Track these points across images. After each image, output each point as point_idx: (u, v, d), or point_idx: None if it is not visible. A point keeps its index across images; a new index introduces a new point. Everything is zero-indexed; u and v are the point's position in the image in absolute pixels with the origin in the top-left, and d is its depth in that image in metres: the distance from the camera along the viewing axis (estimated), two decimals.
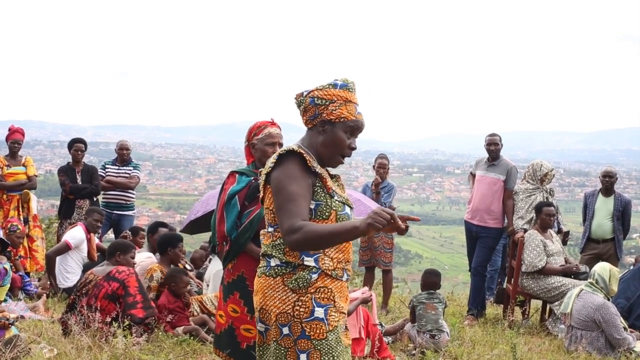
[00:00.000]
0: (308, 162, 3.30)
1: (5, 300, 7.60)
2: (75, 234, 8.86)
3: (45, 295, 8.33)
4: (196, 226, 8.31)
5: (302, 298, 3.24)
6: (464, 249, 10.12)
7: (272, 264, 3.32)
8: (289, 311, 3.24)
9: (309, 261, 3.28)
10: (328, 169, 3.56)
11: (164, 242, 7.65)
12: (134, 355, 5.73)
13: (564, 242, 9.81)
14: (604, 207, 9.77)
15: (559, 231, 9.52)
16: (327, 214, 3.32)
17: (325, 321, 3.26)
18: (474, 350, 7.06)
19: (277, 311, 3.25)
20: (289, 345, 3.24)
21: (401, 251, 44.65)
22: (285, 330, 3.24)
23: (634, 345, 7.22)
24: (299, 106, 3.49)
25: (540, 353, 7.23)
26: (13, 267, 8.41)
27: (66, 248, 8.69)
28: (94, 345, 5.84)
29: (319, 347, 3.24)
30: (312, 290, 3.26)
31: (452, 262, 43.88)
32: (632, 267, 8.87)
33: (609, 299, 7.54)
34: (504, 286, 9.66)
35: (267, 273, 3.32)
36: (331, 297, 3.29)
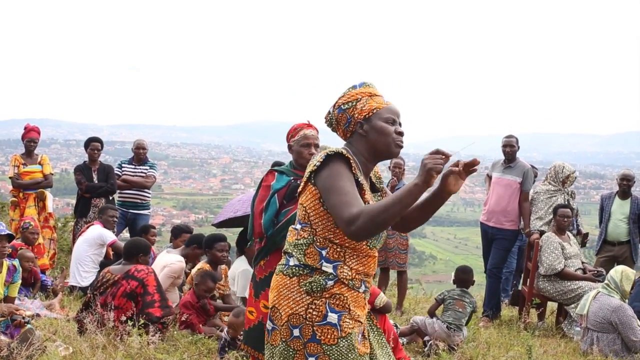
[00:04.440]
0: (353, 169, 3.24)
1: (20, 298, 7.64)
2: (106, 233, 8.93)
3: (61, 293, 8.37)
4: (227, 223, 8.32)
5: (316, 301, 3.19)
6: (479, 251, 10.11)
7: (291, 263, 3.28)
8: (302, 313, 3.19)
9: (328, 267, 3.23)
10: (376, 180, 3.53)
11: (204, 244, 7.78)
12: (148, 354, 5.74)
13: (583, 244, 9.80)
14: (620, 210, 9.75)
15: (578, 232, 9.51)
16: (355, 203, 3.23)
17: (338, 327, 3.19)
18: (489, 352, 7.04)
19: (290, 312, 3.20)
20: (298, 348, 3.20)
21: (415, 252, 44.60)
22: (296, 332, 3.19)
23: None
24: (330, 125, 3.45)
25: (555, 355, 7.20)
26: (37, 270, 8.46)
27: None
28: (108, 344, 5.86)
29: (328, 353, 3.18)
30: (326, 296, 3.21)
31: (466, 264, 43.77)
32: None
33: (625, 301, 7.51)
34: (519, 288, 9.63)
35: (285, 272, 3.28)
36: (346, 305, 3.23)
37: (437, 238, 57.81)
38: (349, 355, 3.21)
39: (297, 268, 3.26)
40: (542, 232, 9.01)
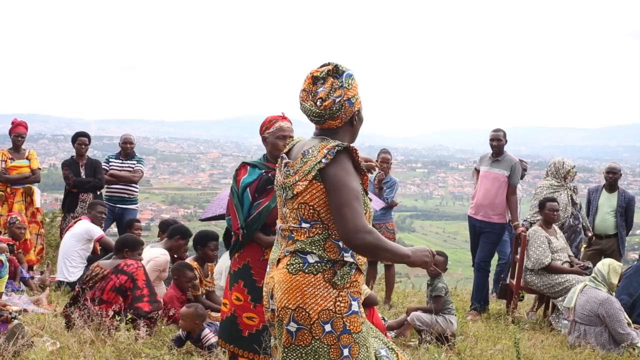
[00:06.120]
0: (358, 160, 3.33)
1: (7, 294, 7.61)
2: (93, 228, 8.91)
3: (48, 288, 8.35)
4: (215, 217, 8.34)
5: (341, 293, 3.27)
6: (467, 245, 10.13)
7: (311, 260, 3.29)
8: (331, 307, 3.24)
9: (348, 257, 3.30)
10: None
11: (195, 240, 7.70)
12: (137, 349, 5.73)
13: (589, 244, 9.81)
14: (607, 203, 9.81)
15: (584, 229, 9.53)
16: (364, 210, 3.31)
17: (359, 314, 3.32)
18: (477, 345, 7.06)
19: (319, 309, 3.24)
20: (332, 342, 3.24)
21: (404, 246, 44.64)
22: (328, 328, 3.24)
23: (638, 340, 7.22)
24: (333, 114, 3.35)
25: (543, 348, 7.23)
26: (14, 259, 8.41)
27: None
28: (97, 338, 5.85)
29: (357, 340, 3.28)
30: (347, 286, 3.29)
31: (455, 258, 43.76)
32: (634, 263, 8.86)
33: (612, 294, 7.54)
34: (507, 281, 9.66)
35: (306, 270, 3.28)
36: (359, 290, 3.36)
37: (426, 232, 57.78)
38: (368, 337, 3.36)
39: (319, 264, 3.29)
40: (531, 224, 9.07)
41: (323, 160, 3.24)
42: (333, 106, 3.35)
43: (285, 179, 3.42)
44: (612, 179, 9.86)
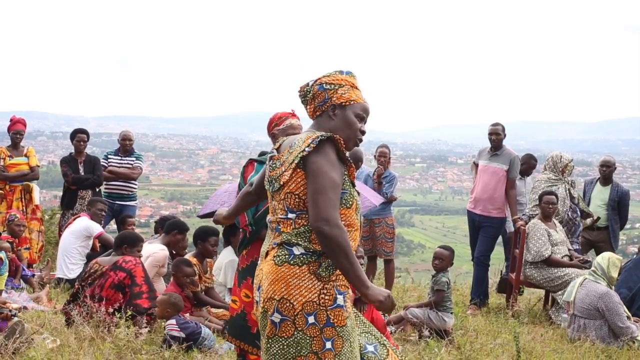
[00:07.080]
0: (343, 151, 3.34)
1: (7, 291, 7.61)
2: (92, 224, 8.90)
3: (48, 285, 8.35)
4: (214, 214, 8.33)
5: (326, 286, 3.28)
6: (467, 239, 10.13)
7: (297, 252, 3.31)
8: (315, 299, 3.26)
9: None
10: None
11: (195, 235, 7.69)
12: (136, 345, 5.73)
13: (592, 226, 9.78)
14: (599, 196, 9.88)
15: (585, 216, 9.51)
16: (350, 202, 3.37)
17: (344, 308, 3.31)
18: (477, 340, 7.07)
19: (304, 300, 3.26)
20: (315, 334, 3.26)
21: (404, 241, 44.55)
22: (311, 319, 3.25)
23: (638, 334, 7.23)
24: (304, 96, 3.53)
25: (543, 342, 7.23)
26: (15, 257, 8.41)
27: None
28: (96, 336, 5.85)
29: (341, 334, 3.28)
30: (333, 279, 3.30)
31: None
32: (634, 257, 8.86)
33: (611, 288, 7.54)
34: (506, 275, 9.66)
35: (292, 262, 3.30)
36: (346, 284, 3.35)
37: (425, 227, 57.73)
38: (352, 333, 3.35)
39: (305, 256, 3.30)
40: (530, 217, 9.08)
41: (306, 149, 3.28)
42: (306, 88, 3.53)
43: (271, 171, 3.49)
44: (606, 172, 9.90)
